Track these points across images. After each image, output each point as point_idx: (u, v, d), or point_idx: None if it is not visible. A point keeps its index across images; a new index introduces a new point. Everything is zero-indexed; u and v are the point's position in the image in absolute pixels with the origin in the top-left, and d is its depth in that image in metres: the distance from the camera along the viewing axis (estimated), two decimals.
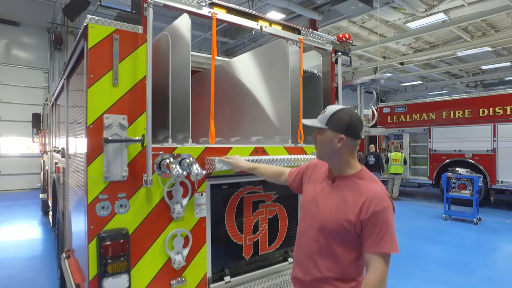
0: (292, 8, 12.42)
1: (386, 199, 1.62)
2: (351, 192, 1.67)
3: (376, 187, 1.65)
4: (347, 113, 1.72)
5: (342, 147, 1.69)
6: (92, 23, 2.25)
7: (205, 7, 2.76)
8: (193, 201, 2.71)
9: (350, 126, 1.69)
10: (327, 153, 1.76)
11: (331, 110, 1.75)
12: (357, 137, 1.73)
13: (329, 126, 1.72)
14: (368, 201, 1.59)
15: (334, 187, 1.75)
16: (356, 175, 1.72)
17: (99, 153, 2.27)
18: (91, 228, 2.25)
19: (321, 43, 3.70)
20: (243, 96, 4.13)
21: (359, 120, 1.75)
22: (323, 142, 1.75)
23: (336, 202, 1.70)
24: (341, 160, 1.73)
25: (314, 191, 1.84)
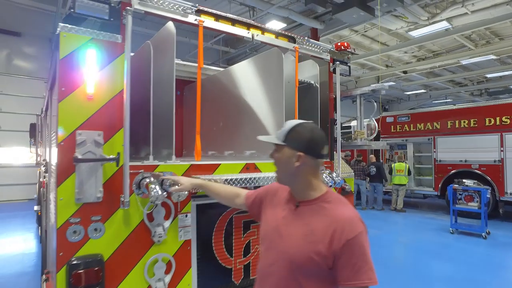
0: (293, 17, 12.34)
1: (359, 223, 1.43)
2: (318, 219, 1.47)
3: (346, 210, 1.47)
4: (307, 128, 1.54)
5: (302, 166, 1.51)
6: (64, 31, 2.09)
7: (192, 14, 2.60)
8: (176, 223, 2.50)
9: (310, 143, 1.51)
10: (286, 173, 1.58)
11: (290, 124, 1.57)
12: (318, 155, 1.53)
13: (287, 142, 1.54)
14: (340, 228, 1.39)
15: (298, 214, 1.55)
16: (322, 198, 1.53)
17: (71, 173, 2.08)
18: (60, 255, 2.04)
19: (318, 52, 3.52)
20: (237, 107, 3.94)
21: (321, 137, 1.56)
22: (281, 161, 1.57)
23: (302, 232, 1.48)
24: (302, 182, 1.54)
25: (276, 219, 1.62)
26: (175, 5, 2.51)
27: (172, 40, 2.59)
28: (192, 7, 2.55)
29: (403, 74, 19.98)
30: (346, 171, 3.78)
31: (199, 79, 2.62)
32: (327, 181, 3.15)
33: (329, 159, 3.62)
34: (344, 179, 3.74)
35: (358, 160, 11.97)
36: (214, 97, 4.41)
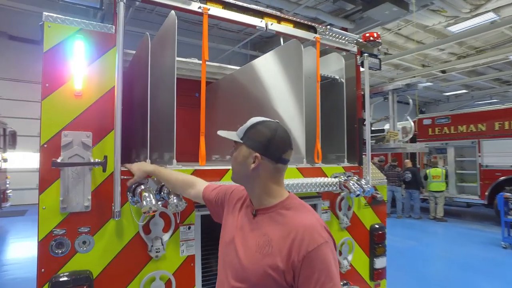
0: (321, 17, 11.91)
1: (322, 233, 1.25)
2: (275, 228, 1.30)
3: (307, 217, 1.29)
4: (269, 127, 1.36)
5: (258, 169, 1.34)
6: (49, 21, 1.88)
7: (195, 1, 2.32)
8: (177, 236, 2.21)
9: (269, 144, 1.33)
10: (241, 175, 1.41)
11: (252, 121, 1.40)
12: (278, 159, 1.34)
13: (244, 140, 1.37)
14: (299, 238, 1.22)
15: (255, 223, 1.37)
16: (281, 204, 1.35)
17: (55, 179, 1.85)
18: (42, 271, 1.81)
19: (343, 43, 3.12)
20: (254, 107, 3.62)
21: (284, 139, 1.36)
22: (236, 160, 1.41)
23: (257, 243, 1.31)
24: (259, 186, 1.37)
25: (233, 230, 1.45)
26: None
27: (173, 31, 2.32)
28: None
29: (441, 74, 18.71)
30: (378, 177, 3.33)
31: (204, 75, 2.35)
32: (354, 189, 2.73)
33: (357, 164, 3.19)
34: (375, 186, 3.29)
35: (392, 165, 11.19)
36: (231, 97, 4.13)
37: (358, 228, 3.13)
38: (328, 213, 2.94)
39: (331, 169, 2.99)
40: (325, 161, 3.28)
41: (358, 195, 2.73)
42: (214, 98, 4.73)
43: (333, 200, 2.98)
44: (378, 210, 3.29)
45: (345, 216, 3.02)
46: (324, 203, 2.91)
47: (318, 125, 2.90)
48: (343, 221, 2.99)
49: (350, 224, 3.03)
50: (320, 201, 2.87)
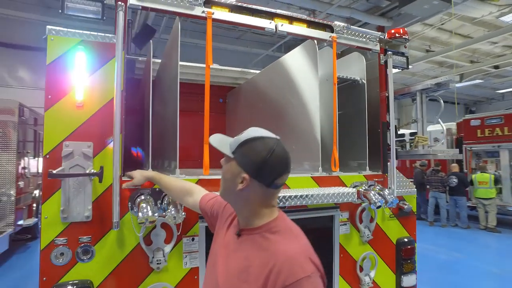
0: (356, 16, 11.45)
1: (304, 265, 1.08)
2: (256, 253, 1.17)
3: (291, 245, 1.14)
4: (266, 146, 1.18)
5: (247, 190, 1.19)
6: (52, 34, 1.92)
7: (199, 6, 2.26)
8: (180, 248, 2.15)
9: (262, 166, 1.16)
10: (228, 192, 1.28)
11: (249, 134, 1.23)
12: (269, 184, 1.18)
13: (236, 156, 1.22)
14: (277, 270, 1.07)
15: (239, 244, 1.25)
16: (267, 226, 1.21)
17: (56, 189, 1.88)
18: (44, 280, 1.84)
19: (364, 42, 2.90)
20: (270, 112, 3.50)
21: (280, 162, 1.19)
22: (225, 175, 1.28)
23: (238, 267, 1.19)
24: (246, 208, 1.24)
25: (220, 246, 1.34)
26: None
27: (176, 37, 2.28)
28: None
29: (494, 70, 17.16)
30: (406, 186, 3.04)
31: (208, 80, 2.26)
32: (375, 200, 2.50)
33: (381, 172, 2.94)
34: (403, 196, 3.01)
35: (435, 170, 10.39)
36: (251, 102, 4.05)
37: (382, 241, 2.88)
38: (347, 225, 2.73)
39: (351, 177, 2.77)
40: (346, 169, 3.07)
41: (379, 206, 2.50)
42: (237, 103, 4.68)
43: (353, 211, 2.76)
44: (406, 222, 3.01)
45: (367, 229, 2.79)
46: (343, 215, 2.71)
47: (335, 130, 2.71)
48: (364, 234, 2.76)
49: (373, 237, 2.79)
50: (338, 212, 2.67)
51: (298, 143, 2.97)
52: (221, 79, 4.67)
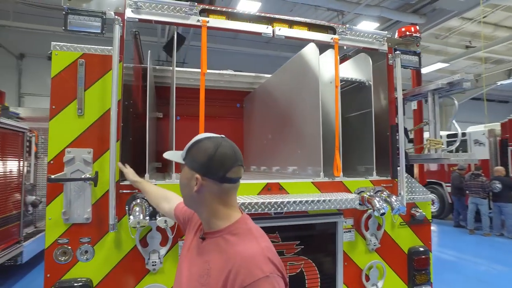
0: (386, 15, 11.06)
1: (262, 266, 1.08)
2: (216, 256, 1.19)
3: (250, 246, 1.14)
4: (210, 145, 1.22)
5: (203, 191, 1.22)
6: (56, 50, 2.08)
7: (194, 15, 2.33)
8: (176, 251, 2.21)
9: (209, 163, 1.20)
10: (188, 198, 1.30)
11: (195, 138, 1.28)
12: (223, 179, 1.20)
13: (186, 161, 1.26)
14: (235, 271, 1.08)
15: (202, 248, 1.27)
16: (228, 228, 1.22)
17: (59, 192, 2.02)
18: (48, 276, 1.98)
19: (369, 42, 2.81)
20: (278, 116, 3.50)
21: (227, 155, 1.22)
22: (181, 183, 1.31)
23: (199, 271, 1.21)
24: (205, 210, 1.26)
25: (186, 251, 1.37)
26: (175, 7, 2.29)
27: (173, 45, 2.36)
28: (191, 7, 2.28)
29: None
30: (419, 192, 2.88)
31: (202, 86, 2.31)
32: (378, 207, 2.40)
33: (390, 177, 2.81)
34: (416, 203, 2.86)
35: (475, 174, 9.65)
36: (263, 106, 4.07)
37: (391, 250, 2.75)
38: (352, 233, 2.64)
39: (356, 183, 2.68)
40: (353, 174, 2.97)
41: (383, 213, 2.39)
42: (252, 108, 4.72)
43: (358, 218, 2.67)
44: (419, 231, 2.85)
45: (374, 237, 2.68)
46: (347, 221, 2.63)
47: (337, 134, 2.64)
48: (371, 242, 2.65)
49: (380, 245, 2.68)
50: (341, 218, 2.59)
51: (303, 148, 2.94)
52: (237, 84, 4.74)
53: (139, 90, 3.34)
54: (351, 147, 3.02)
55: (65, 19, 2.08)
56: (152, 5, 2.21)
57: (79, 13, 2.09)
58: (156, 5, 2.22)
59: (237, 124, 5.04)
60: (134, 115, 3.00)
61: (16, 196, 5.34)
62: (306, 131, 2.84)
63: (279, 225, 2.41)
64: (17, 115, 5.98)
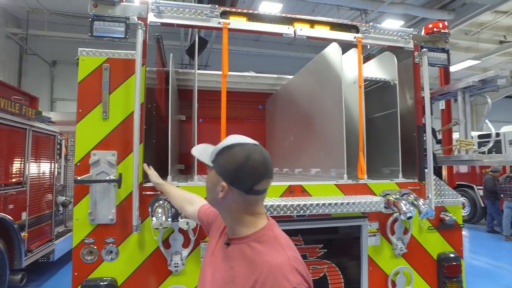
0: (411, 12, 10.71)
1: (289, 276, 1.04)
2: (242, 263, 1.15)
3: (277, 256, 1.10)
4: (242, 153, 1.15)
5: (227, 198, 1.18)
6: (82, 55, 2.15)
7: (215, 17, 2.34)
8: (198, 253, 2.22)
9: (238, 173, 1.14)
10: (213, 201, 1.28)
11: (227, 142, 1.21)
12: (248, 191, 1.15)
13: (214, 164, 1.21)
14: (261, 281, 1.05)
15: (227, 253, 1.24)
16: (254, 235, 1.18)
17: (86, 193, 2.08)
18: (75, 275, 2.05)
19: (394, 40, 2.72)
20: (300, 118, 3.45)
21: (257, 169, 1.14)
22: (207, 184, 1.27)
23: (223, 277, 1.18)
24: (230, 216, 1.23)
25: (210, 255, 1.33)
26: (196, 10, 2.31)
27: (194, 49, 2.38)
28: (212, 9, 2.30)
29: None
30: (448, 194, 2.74)
31: (224, 88, 2.32)
32: (405, 210, 2.30)
33: (417, 179, 2.70)
34: (445, 207, 2.73)
35: (510, 177, 9.12)
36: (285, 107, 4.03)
37: (419, 256, 2.63)
38: (377, 237, 2.56)
39: (381, 185, 2.60)
40: (378, 176, 2.88)
41: (409, 217, 2.30)
42: (274, 109, 4.70)
43: (383, 221, 2.58)
44: (450, 236, 2.71)
45: (400, 241, 2.58)
46: (371, 225, 2.54)
47: (361, 135, 2.57)
48: (397, 246, 2.55)
49: (407, 250, 2.57)
50: (366, 222, 2.51)
51: (326, 150, 2.88)
52: (259, 86, 4.74)
53: (162, 93, 3.40)
54: (375, 148, 2.93)
55: (91, 26, 2.15)
56: (174, 9, 2.24)
57: (104, 19, 2.15)
58: (178, 9, 2.25)
59: (259, 126, 5.03)
60: (158, 117, 3.05)
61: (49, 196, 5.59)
62: (329, 132, 2.78)
63: (302, 228, 2.38)
64: (49, 119, 6.26)
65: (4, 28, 10.95)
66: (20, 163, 4.53)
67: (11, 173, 4.31)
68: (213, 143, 1.31)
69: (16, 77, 12.17)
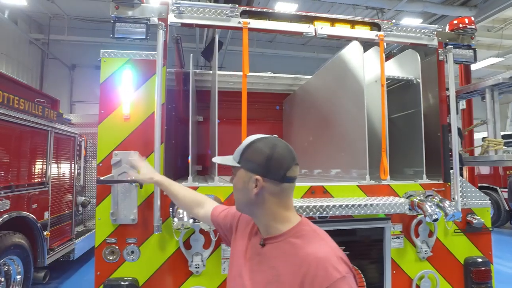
0: (430, 9, 10.46)
1: (338, 266, 1.05)
2: (284, 260, 1.13)
3: (321, 248, 1.10)
4: (267, 145, 1.18)
5: (262, 193, 1.17)
6: (105, 57, 2.17)
7: (235, 17, 2.33)
8: (219, 254, 2.21)
9: (269, 163, 1.16)
10: (244, 202, 1.24)
11: (247, 141, 1.24)
12: (283, 179, 1.16)
13: (242, 163, 1.21)
14: (312, 274, 1.04)
15: (263, 255, 1.20)
16: (291, 232, 1.17)
17: (107, 194, 2.10)
18: (98, 274, 2.06)
19: (417, 38, 2.64)
20: (319, 118, 3.40)
21: (286, 154, 1.18)
22: (237, 187, 1.25)
23: (266, 278, 1.15)
24: (265, 213, 1.20)
25: (242, 260, 1.28)
26: (216, 10, 2.30)
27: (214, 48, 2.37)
28: (232, 9, 2.28)
29: None
30: (476, 197, 2.64)
31: (244, 87, 2.30)
32: (430, 212, 2.23)
33: (442, 181, 2.61)
34: (472, 209, 2.63)
35: None
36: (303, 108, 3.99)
37: (445, 260, 2.54)
38: (401, 239, 2.48)
39: (404, 186, 2.52)
40: (400, 177, 2.80)
41: (435, 219, 2.22)
42: (292, 109, 4.66)
43: (407, 224, 2.50)
44: (478, 240, 2.61)
45: (425, 244, 2.50)
46: (395, 227, 2.47)
47: (383, 135, 2.50)
48: (422, 249, 2.47)
49: (432, 254, 2.49)
50: (389, 224, 2.44)
51: (347, 150, 2.82)
52: (276, 87, 4.72)
53: (180, 94, 3.41)
54: (397, 149, 2.85)
55: (113, 28, 2.17)
56: (194, 9, 2.24)
57: (125, 21, 2.17)
58: (198, 9, 2.25)
59: (276, 127, 5.00)
60: (176, 118, 3.07)
61: (69, 196, 5.71)
62: (350, 132, 2.73)
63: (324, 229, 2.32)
64: (69, 121, 6.41)
65: (28, 34, 11.30)
66: (43, 163, 4.64)
67: (34, 174, 4.42)
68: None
69: (38, 81, 12.54)
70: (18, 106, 3.96)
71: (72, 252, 5.47)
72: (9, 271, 3.62)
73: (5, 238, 3.43)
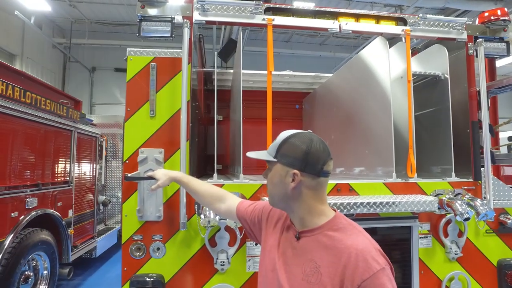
0: (452, 5, 10.17)
1: (377, 258, 1.08)
2: (322, 252, 1.15)
3: (360, 240, 1.12)
4: (303, 140, 1.20)
5: (299, 187, 1.19)
6: (131, 55, 2.20)
7: (259, 14, 2.32)
8: (244, 251, 2.20)
9: (307, 157, 1.18)
10: (280, 197, 1.25)
11: (282, 136, 1.26)
12: (319, 173, 1.18)
13: (278, 158, 1.23)
14: (352, 265, 1.07)
15: (299, 248, 1.22)
16: (328, 225, 1.18)
17: (134, 190, 2.13)
18: (125, 270, 2.09)
19: (445, 32, 2.56)
20: (342, 116, 3.35)
21: (322, 149, 1.20)
22: (273, 182, 1.26)
23: (303, 271, 1.16)
24: (302, 207, 1.22)
25: (276, 254, 1.28)
26: (240, 7, 2.30)
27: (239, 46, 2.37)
28: (257, 5, 2.27)
29: None
30: (509, 196, 2.54)
31: (269, 85, 2.29)
32: (461, 211, 2.15)
33: (472, 179, 2.52)
34: (505, 209, 2.53)
35: None
36: (325, 106, 3.94)
37: (476, 261, 2.45)
38: (429, 239, 2.41)
39: (432, 184, 2.45)
40: (428, 175, 2.72)
41: (467, 219, 2.14)
42: (312, 108, 4.62)
43: (436, 223, 2.43)
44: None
45: (454, 244, 2.41)
46: (422, 226, 2.40)
47: (410, 132, 2.44)
48: (451, 250, 2.39)
49: (463, 254, 2.40)
50: (416, 223, 2.38)
51: (371, 147, 2.76)
52: (296, 85, 4.68)
53: (202, 93, 3.43)
54: (423, 146, 2.77)
55: (139, 26, 2.20)
56: (218, 6, 2.25)
57: (151, 19, 2.19)
58: (222, 6, 2.25)
59: (296, 126, 4.90)
60: (198, 117, 3.08)
61: (91, 195, 5.84)
62: (375, 129, 2.67)
63: None
64: (91, 121, 6.56)
65: (51, 39, 11.65)
66: (67, 163, 4.77)
67: (59, 173, 4.54)
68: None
69: (60, 83, 12.90)
70: (45, 106, 4.07)
71: (94, 250, 5.59)
72: (37, 266, 3.72)
73: (34, 235, 3.53)
